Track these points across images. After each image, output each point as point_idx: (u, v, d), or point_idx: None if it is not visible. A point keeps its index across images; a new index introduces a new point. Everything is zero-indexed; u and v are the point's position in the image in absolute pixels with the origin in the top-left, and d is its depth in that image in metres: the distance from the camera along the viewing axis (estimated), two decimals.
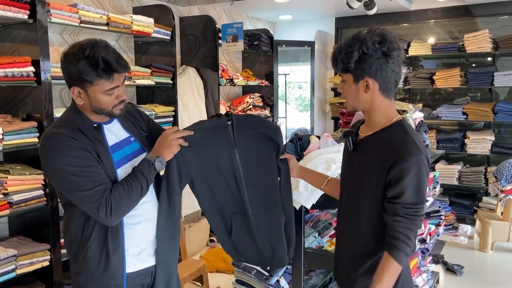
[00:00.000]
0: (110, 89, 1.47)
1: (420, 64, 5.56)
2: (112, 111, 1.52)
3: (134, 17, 3.08)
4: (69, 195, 1.47)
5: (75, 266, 1.57)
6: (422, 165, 1.40)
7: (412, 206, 1.40)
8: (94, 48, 1.43)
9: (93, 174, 1.44)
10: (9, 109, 2.54)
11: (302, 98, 7.22)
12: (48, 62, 2.41)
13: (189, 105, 3.92)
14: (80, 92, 1.47)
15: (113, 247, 1.51)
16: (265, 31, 5.02)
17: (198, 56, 4.20)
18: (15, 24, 2.43)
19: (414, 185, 1.39)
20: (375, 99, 1.46)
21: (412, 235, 1.42)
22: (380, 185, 1.45)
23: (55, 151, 1.42)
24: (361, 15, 5.03)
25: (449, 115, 4.98)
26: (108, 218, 1.44)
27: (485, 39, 4.69)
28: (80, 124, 1.50)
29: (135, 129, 1.65)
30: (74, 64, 1.42)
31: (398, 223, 1.41)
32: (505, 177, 4.22)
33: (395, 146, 1.42)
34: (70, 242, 1.55)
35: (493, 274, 3.82)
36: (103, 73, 1.43)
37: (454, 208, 4.82)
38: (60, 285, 2.50)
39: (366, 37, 1.40)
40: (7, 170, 2.32)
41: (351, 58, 1.41)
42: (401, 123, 1.48)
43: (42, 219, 2.48)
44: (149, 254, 1.62)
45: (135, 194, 1.48)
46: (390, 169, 1.40)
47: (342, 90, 1.53)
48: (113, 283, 1.54)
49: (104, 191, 1.43)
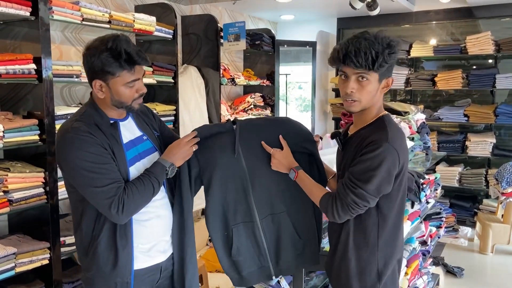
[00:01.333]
0: (131, 81, 1.50)
1: (421, 65, 5.55)
2: (132, 105, 1.55)
3: (136, 15, 3.07)
4: (83, 190, 1.48)
5: (85, 263, 1.59)
6: (388, 154, 1.40)
7: (353, 179, 1.43)
8: (116, 41, 1.47)
9: (108, 171, 1.46)
10: (10, 107, 2.53)
11: (303, 98, 7.21)
12: (49, 59, 2.40)
13: (190, 104, 3.90)
14: (102, 85, 1.50)
15: (121, 244, 1.53)
16: (267, 31, 5.01)
17: (199, 55, 4.19)
18: (17, 21, 2.42)
19: (367, 166, 1.41)
20: (380, 98, 1.53)
21: (340, 209, 1.46)
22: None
23: (73, 145, 1.44)
24: (363, 16, 5.03)
25: (450, 117, 4.98)
26: (119, 216, 1.46)
27: (487, 41, 4.68)
28: (97, 119, 1.53)
29: (148, 128, 1.69)
30: (97, 56, 1.46)
31: (339, 188, 1.48)
32: (506, 180, 4.22)
33: (371, 135, 1.46)
34: (81, 239, 1.57)
35: (493, 277, 3.82)
36: (125, 64, 1.46)
37: (454, 210, 4.82)
38: (59, 284, 2.49)
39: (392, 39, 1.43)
40: (8, 167, 2.31)
41: (392, 59, 1.42)
42: (383, 117, 1.53)
43: (42, 217, 2.47)
44: (158, 250, 1.65)
45: (146, 194, 1.52)
46: (362, 150, 1.45)
47: (353, 89, 1.45)
48: (120, 280, 1.56)
49: (118, 189, 1.46)
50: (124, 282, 1.56)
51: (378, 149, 1.40)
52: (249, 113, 4.74)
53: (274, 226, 1.76)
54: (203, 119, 4.02)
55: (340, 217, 1.48)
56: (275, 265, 1.80)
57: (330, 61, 1.50)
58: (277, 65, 5.10)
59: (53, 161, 2.44)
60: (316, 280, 2.53)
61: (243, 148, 1.69)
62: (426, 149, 3.21)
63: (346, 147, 1.60)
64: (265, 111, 4.94)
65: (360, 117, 1.55)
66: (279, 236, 1.77)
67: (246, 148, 1.69)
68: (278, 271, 1.84)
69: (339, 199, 1.47)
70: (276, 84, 5.10)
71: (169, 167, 1.57)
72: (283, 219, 1.76)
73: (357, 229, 1.55)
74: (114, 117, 1.58)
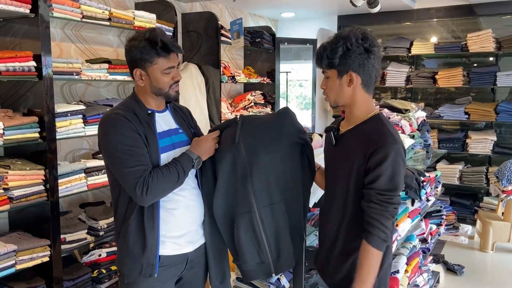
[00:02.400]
0: (168, 68, 1.64)
1: (422, 63, 5.54)
2: (169, 92, 1.69)
3: (136, 13, 3.06)
4: (114, 170, 1.61)
5: (118, 243, 1.72)
6: (398, 154, 1.47)
7: (385, 192, 1.47)
8: (153, 32, 1.64)
9: (138, 154, 1.58)
10: (10, 104, 2.53)
11: (303, 96, 7.21)
12: (49, 57, 2.39)
13: (191, 102, 3.90)
14: (142, 73, 1.65)
15: (148, 227, 1.63)
16: (267, 29, 5.00)
17: (200, 52, 4.19)
18: (16, 19, 2.42)
19: (390, 173, 1.46)
20: (357, 94, 1.55)
21: (386, 222, 1.48)
22: (360, 175, 1.51)
23: (110, 128, 1.60)
24: (363, 13, 5.02)
25: (451, 114, 4.97)
26: (143, 197, 1.55)
27: (488, 39, 4.67)
28: (136, 109, 1.67)
29: (184, 124, 1.82)
30: (137, 47, 1.62)
31: (371, 209, 1.48)
32: (507, 178, 4.21)
33: (374, 137, 1.49)
34: (117, 219, 1.71)
35: (493, 275, 3.82)
36: (161, 51, 1.61)
37: (455, 208, 4.82)
38: (60, 281, 2.49)
39: (350, 34, 1.50)
40: (8, 165, 2.31)
41: (335, 54, 1.50)
42: (379, 116, 1.57)
43: (42, 214, 2.47)
44: (187, 240, 1.73)
45: (171, 182, 1.61)
46: (369, 158, 1.47)
47: (325, 87, 1.60)
48: (146, 262, 1.65)
49: (144, 171, 1.57)
50: (149, 264, 1.65)
51: (391, 154, 1.45)
52: (250, 111, 4.73)
53: (272, 218, 1.76)
54: (203, 116, 4.02)
55: (389, 229, 1.51)
56: (275, 261, 1.79)
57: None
58: (278, 62, 5.09)
59: (53, 159, 2.44)
60: (317, 278, 2.53)
61: (245, 139, 1.74)
62: (426, 147, 3.21)
63: (340, 142, 1.62)
64: (266, 109, 4.93)
65: (350, 112, 1.60)
66: (278, 228, 1.77)
67: (247, 139, 1.74)
68: (279, 267, 1.81)
69: (383, 218, 1.48)
70: (277, 82, 5.09)
71: (195, 159, 1.67)
72: (280, 209, 1.76)
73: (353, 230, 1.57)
74: (153, 108, 1.71)
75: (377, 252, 1.49)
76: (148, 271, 1.65)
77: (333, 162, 1.66)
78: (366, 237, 1.50)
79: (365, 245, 1.50)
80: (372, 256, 1.49)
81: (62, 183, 2.53)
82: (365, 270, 1.50)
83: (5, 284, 2.32)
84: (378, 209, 1.48)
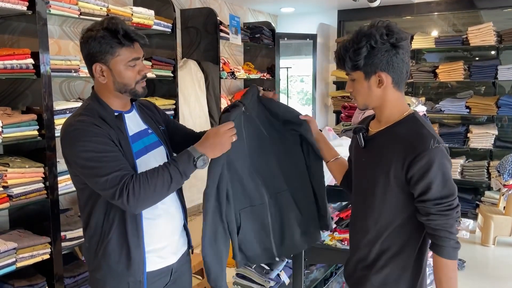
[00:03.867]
0: (132, 60, 1.46)
1: (423, 57, 5.51)
2: (135, 89, 1.51)
3: (134, 9, 3.05)
4: (89, 181, 1.42)
5: (93, 263, 1.53)
6: (443, 156, 1.34)
7: (442, 201, 1.34)
8: (112, 20, 1.45)
9: (112, 159, 1.40)
10: (8, 102, 2.53)
11: (304, 92, 7.19)
12: (47, 54, 2.38)
13: (190, 98, 3.89)
14: (103, 69, 1.46)
15: (133, 242, 1.48)
16: (267, 24, 4.98)
17: (199, 49, 4.17)
18: (14, 16, 2.41)
19: (440, 179, 1.33)
20: (388, 93, 1.41)
21: (452, 229, 1.35)
22: (398, 181, 1.38)
23: (77, 137, 1.40)
24: (363, 8, 4.99)
25: (452, 109, 4.95)
26: (127, 206, 1.38)
27: (489, 32, 4.64)
28: (101, 112, 1.48)
29: (152, 122, 1.65)
30: (94, 37, 1.42)
31: (433, 221, 1.35)
32: (508, 172, 4.20)
33: (412, 141, 1.35)
34: (90, 237, 1.52)
35: (494, 269, 3.81)
36: (123, 39, 1.43)
37: None
38: (61, 278, 2.50)
39: (372, 30, 1.36)
40: (7, 163, 2.30)
41: (359, 55, 1.36)
42: (414, 115, 1.43)
43: (43, 212, 2.47)
44: (170, 251, 1.60)
45: (159, 185, 1.40)
46: (410, 165, 1.34)
47: (351, 89, 1.46)
48: (133, 279, 1.50)
49: (122, 177, 1.38)
50: (136, 281, 1.50)
51: (435, 158, 1.32)
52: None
53: (279, 206, 1.75)
54: (203, 113, 4.01)
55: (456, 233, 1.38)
56: (278, 246, 1.78)
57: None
58: (278, 58, 5.07)
59: (52, 156, 2.44)
60: (317, 273, 2.54)
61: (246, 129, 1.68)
62: None
63: (370, 145, 1.49)
64: None
65: (381, 114, 1.46)
66: (284, 216, 1.77)
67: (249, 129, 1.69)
68: (282, 251, 1.80)
69: (448, 226, 1.35)
70: (277, 77, 5.08)
71: (197, 158, 1.43)
72: (287, 198, 1.76)
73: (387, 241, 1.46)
74: (118, 109, 1.53)
75: (451, 262, 1.36)
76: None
77: (362, 167, 1.52)
78: (436, 251, 1.36)
79: (438, 260, 1.36)
80: (448, 268, 1.36)
81: (61, 180, 2.52)
82: (444, 285, 1.37)
83: (6, 282, 2.33)
84: (440, 220, 1.34)
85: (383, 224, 1.44)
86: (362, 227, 1.51)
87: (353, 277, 1.57)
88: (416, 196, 1.37)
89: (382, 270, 1.46)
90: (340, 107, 3.89)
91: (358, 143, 1.53)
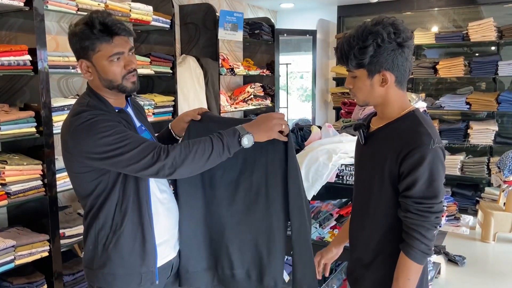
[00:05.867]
0: (114, 55, 1.40)
1: (423, 53, 5.49)
2: (123, 84, 1.44)
3: (133, 5, 3.03)
4: (117, 161, 1.34)
5: (101, 259, 1.46)
6: (436, 156, 1.31)
7: (424, 200, 1.31)
8: (93, 14, 1.40)
9: (136, 135, 1.38)
10: (6, 99, 2.51)
11: (304, 88, 7.17)
12: (45, 50, 2.36)
13: (189, 95, 3.87)
14: (88, 65, 1.43)
15: (148, 231, 1.46)
16: (266, 20, 4.95)
17: (198, 45, 4.15)
18: (11, 12, 2.39)
19: (426, 178, 1.31)
20: (390, 92, 1.39)
21: (428, 233, 1.32)
22: (392, 178, 1.37)
23: (93, 126, 1.35)
24: (363, 3, 4.97)
25: (452, 105, 4.94)
26: (165, 168, 1.33)
27: (489, 28, 4.62)
28: (103, 108, 1.44)
29: (144, 120, 1.65)
30: (75, 33, 1.40)
31: (409, 219, 1.34)
32: (508, 168, 4.19)
33: (407, 136, 1.34)
34: (97, 232, 1.46)
35: (495, 265, 3.81)
36: (100, 34, 1.37)
37: (456, 199, 4.80)
38: (60, 276, 2.49)
39: (379, 29, 1.31)
40: (5, 160, 2.29)
41: (365, 53, 1.32)
42: (414, 112, 1.41)
43: (41, 209, 2.46)
44: (170, 246, 1.59)
45: (200, 151, 1.36)
46: (402, 160, 1.33)
47: (351, 86, 1.43)
48: (145, 270, 1.48)
49: (155, 144, 1.35)
50: (149, 272, 1.48)
51: (427, 156, 1.30)
52: (249, 103, 4.71)
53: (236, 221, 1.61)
54: None
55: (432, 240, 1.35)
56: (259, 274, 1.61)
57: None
58: (277, 54, 5.05)
59: (50, 153, 2.42)
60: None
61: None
62: None
63: (370, 141, 1.47)
64: (265, 101, 4.91)
65: (383, 111, 1.45)
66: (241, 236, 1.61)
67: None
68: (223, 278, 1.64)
69: (423, 229, 1.32)
70: (276, 73, 5.06)
71: (243, 135, 1.39)
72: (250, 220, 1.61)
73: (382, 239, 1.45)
74: (116, 106, 1.49)
75: (415, 266, 1.34)
76: (149, 279, 1.49)
77: (362, 163, 1.51)
78: (404, 250, 1.34)
79: (403, 258, 1.35)
80: (409, 270, 1.34)
81: (60, 177, 2.51)
82: (401, 285, 1.35)
83: (4, 280, 2.32)
84: (416, 220, 1.32)
85: (378, 222, 1.44)
86: (359, 225, 1.51)
87: (352, 275, 1.57)
88: (400, 191, 1.36)
89: (379, 269, 1.45)
90: (340, 103, 3.87)
91: (359, 141, 1.52)
